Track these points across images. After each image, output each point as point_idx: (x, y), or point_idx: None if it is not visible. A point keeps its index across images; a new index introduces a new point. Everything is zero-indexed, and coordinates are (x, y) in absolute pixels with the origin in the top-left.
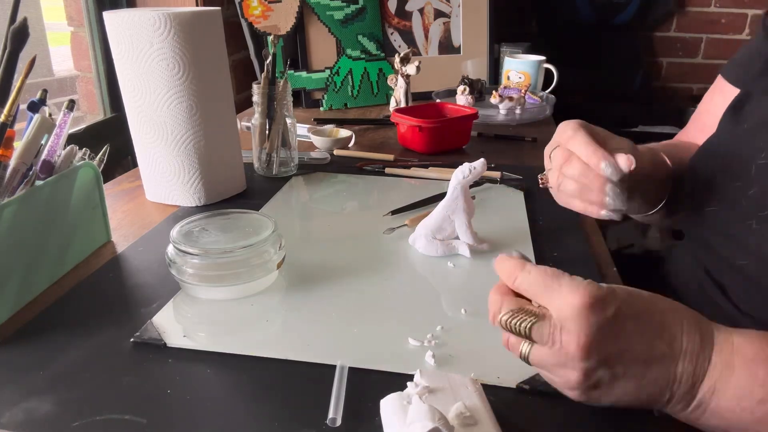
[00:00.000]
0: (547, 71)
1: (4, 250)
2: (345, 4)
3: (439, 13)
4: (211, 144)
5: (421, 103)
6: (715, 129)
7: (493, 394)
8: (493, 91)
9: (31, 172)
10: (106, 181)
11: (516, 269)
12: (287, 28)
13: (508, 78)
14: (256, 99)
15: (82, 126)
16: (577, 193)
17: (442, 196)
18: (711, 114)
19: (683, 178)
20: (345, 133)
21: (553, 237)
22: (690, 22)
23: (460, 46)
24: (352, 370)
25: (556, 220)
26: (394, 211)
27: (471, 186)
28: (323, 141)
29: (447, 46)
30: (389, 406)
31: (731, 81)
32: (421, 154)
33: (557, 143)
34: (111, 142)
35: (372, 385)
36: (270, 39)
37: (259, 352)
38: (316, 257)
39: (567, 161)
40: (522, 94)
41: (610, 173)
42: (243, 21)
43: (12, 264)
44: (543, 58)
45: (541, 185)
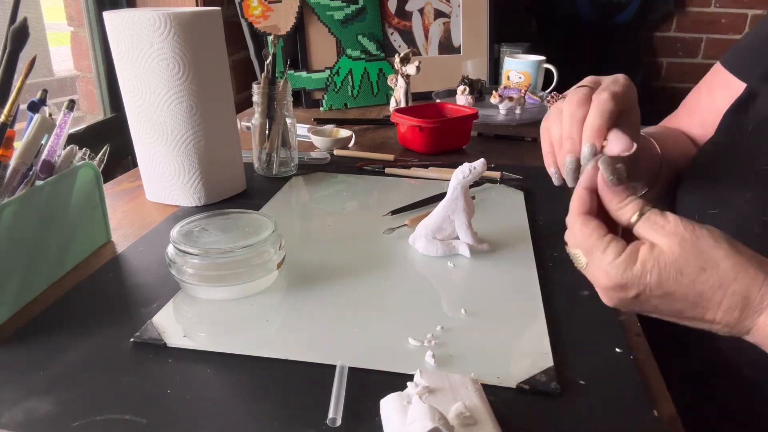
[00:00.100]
0: (547, 71)
1: (4, 250)
2: (345, 4)
3: (439, 13)
4: (211, 144)
5: (421, 103)
6: (715, 126)
7: (493, 394)
8: (493, 91)
9: (31, 172)
10: (106, 181)
11: (573, 219)
12: (287, 28)
13: (508, 78)
14: (256, 99)
15: (82, 126)
16: (554, 139)
17: (442, 196)
18: (711, 110)
19: (683, 178)
20: (345, 133)
21: (553, 237)
22: (690, 22)
23: (460, 46)
24: (352, 370)
25: (556, 220)
26: (394, 211)
27: (471, 186)
28: (323, 141)
29: (447, 46)
30: (389, 406)
31: (734, 72)
32: (421, 154)
33: (595, 83)
34: (111, 142)
35: (372, 385)
36: (270, 39)
37: (259, 352)
38: (316, 257)
39: (577, 105)
40: (522, 94)
41: (586, 153)
42: (243, 21)
43: (12, 264)
44: (543, 58)
45: (546, 102)
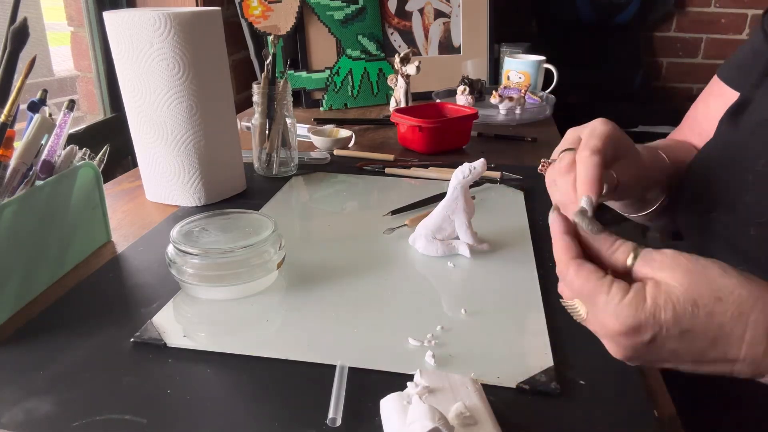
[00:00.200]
0: (547, 71)
1: (4, 250)
2: (345, 4)
3: (439, 13)
4: (211, 144)
5: (421, 103)
6: (712, 134)
7: (493, 394)
8: (493, 91)
9: (31, 172)
10: (106, 181)
11: (565, 267)
12: (287, 28)
13: (508, 78)
14: (256, 99)
15: (82, 126)
16: (559, 203)
17: (442, 196)
18: (708, 119)
19: (682, 182)
20: (345, 133)
21: None
22: (690, 22)
23: (460, 46)
24: (352, 370)
25: None
26: (394, 211)
27: (471, 186)
28: (323, 141)
29: (447, 46)
30: (389, 406)
31: (729, 83)
32: (421, 154)
33: (575, 141)
34: (111, 142)
35: (372, 385)
36: (270, 39)
37: (259, 352)
38: (316, 257)
39: (566, 172)
40: (522, 94)
41: (584, 203)
42: (243, 21)
43: (12, 264)
44: (543, 58)
45: (539, 170)
